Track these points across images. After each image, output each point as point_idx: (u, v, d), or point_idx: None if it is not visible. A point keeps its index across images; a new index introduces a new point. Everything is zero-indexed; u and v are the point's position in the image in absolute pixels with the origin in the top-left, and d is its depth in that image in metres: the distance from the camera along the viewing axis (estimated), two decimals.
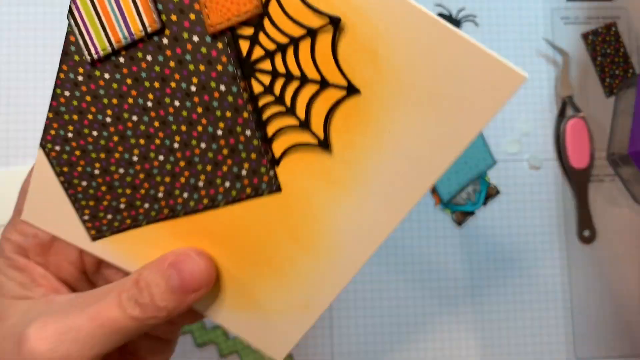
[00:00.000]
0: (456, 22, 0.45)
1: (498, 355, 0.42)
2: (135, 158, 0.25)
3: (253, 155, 0.23)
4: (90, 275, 0.28)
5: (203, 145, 0.24)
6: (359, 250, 0.23)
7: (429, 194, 0.43)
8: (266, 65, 0.22)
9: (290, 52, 0.21)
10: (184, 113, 0.23)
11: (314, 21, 0.20)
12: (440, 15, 0.45)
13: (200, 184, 0.24)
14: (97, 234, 0.26)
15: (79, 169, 0.25)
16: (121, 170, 0.25)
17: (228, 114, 0.23)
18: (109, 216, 0.26)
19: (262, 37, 0.21)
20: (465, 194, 0.43)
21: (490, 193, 0.43)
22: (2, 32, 0.43)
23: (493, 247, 0.43)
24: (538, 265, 0.43)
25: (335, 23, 0.20)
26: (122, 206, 0.25)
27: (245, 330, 0.26)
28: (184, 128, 0.24)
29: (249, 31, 0.21)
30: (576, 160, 0.43)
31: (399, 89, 0.20)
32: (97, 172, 0.25)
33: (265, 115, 0.22)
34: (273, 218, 0.24)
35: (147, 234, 0.26)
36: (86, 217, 0.26)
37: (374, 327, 0.42)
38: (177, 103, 0.23)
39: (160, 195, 0.25)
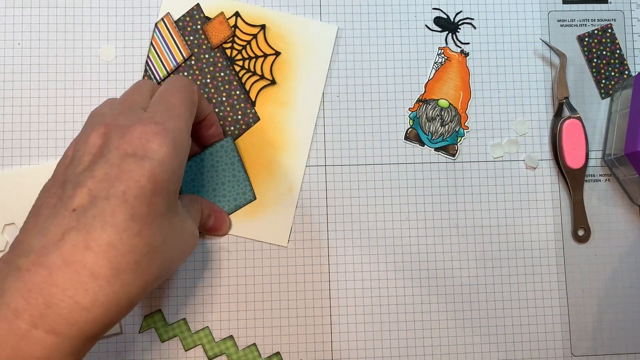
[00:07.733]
0: (454, 25, 0.45)
1: (494, 353, 0.43)
2: None
3: (242, 104, 0.43)
4: None
5: (221, 108, 0.44)
6: (305, 139, 0.43)
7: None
8: (239, 61, 0.44)
9: (253, 61, 0.44)
10: (207, 95, 0.43)
11: (269, 50, 0.44)
12: (438, 18, 0.45)
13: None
14: None
15: None
16: None
17: (227, 86, 0.44)
18: None
19: (235, 46, 0.44)
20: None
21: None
22: (3, 33, 0.43)
23: (489, 247, 0.44)
24: (534, 264, 0.44)
25: (278, 54, 0.44)
26: None
27: (252, 232, 0.42)
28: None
29: (229, 44, 0.44)
30: (572, 161, 0.44)
31: (294, 75, 0.44)
32: None
33: (243, 80, 0.44)
34: (260, 137, 0.43)
35: None
36: None
37: (373, 325, 0.43)
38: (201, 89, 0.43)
39: None
